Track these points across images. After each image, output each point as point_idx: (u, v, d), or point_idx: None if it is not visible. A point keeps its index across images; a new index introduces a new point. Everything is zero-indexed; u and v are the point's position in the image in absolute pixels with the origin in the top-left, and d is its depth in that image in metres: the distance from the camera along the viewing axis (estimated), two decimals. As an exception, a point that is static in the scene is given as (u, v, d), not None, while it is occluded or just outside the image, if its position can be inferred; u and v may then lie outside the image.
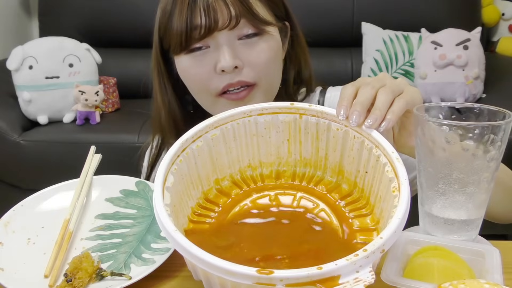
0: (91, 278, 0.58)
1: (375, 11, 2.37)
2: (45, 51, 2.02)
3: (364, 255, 0.43)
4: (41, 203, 0.70)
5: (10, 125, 1.96)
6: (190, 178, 0.58)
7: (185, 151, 0.57)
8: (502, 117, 0.56)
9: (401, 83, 0.59)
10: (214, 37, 0.75)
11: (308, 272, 0.41)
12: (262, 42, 0.77)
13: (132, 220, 0.68)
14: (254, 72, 0.77)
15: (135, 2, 2.41)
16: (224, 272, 0.43)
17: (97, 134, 1.98)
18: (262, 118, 0.61)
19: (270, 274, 0.42)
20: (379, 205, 0.55)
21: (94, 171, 0.74)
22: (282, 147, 0.63)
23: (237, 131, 0.61)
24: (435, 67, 2.13)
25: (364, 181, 0.58)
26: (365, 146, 0.56)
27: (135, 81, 2.44)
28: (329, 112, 0.58)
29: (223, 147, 0.61)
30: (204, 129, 0.59)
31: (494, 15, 2.57)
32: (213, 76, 0.77)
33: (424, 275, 0.51)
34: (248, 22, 0.75)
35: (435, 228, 0.60)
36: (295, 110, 0.60)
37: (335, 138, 0.59)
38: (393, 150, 0.54)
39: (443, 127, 0.54)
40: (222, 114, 0.60)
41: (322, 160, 0.62)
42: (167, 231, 0.48)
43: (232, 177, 0.63)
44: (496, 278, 0.49)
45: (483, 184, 0.56)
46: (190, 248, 0.45)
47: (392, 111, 0.56)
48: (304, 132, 0.61)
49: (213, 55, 0.76)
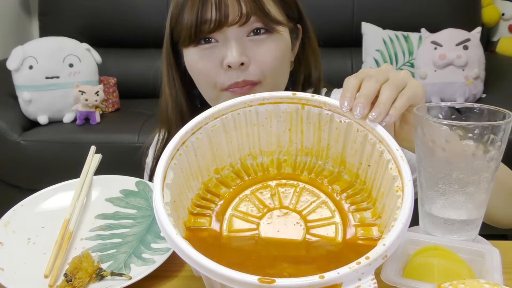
0: (91, 278, 0.58)
1: (375, 11, 2.37)
2: (45, 51, 2.02)
3: (366, 262, 0.43)
4: (41, 203, 0.70)
5: (10, 125, 1.96)
6: (190, 170, 0.57)
7: (184, 144, 0.56)
8: (502, 117, 0.56)
9: (405, 76, 0.59)
10: (223, 32, 0.76)
11: (310, 281, 0.41)
12: (270, 40, 0.77)
13: (132, 220, 0.68)
14: (260, 70, 0.77)
15: (135, 2, 2.41)
16: (225, 279, 0.43)
17: (97, 134, 1.98)
18: (263, 107, 0.60)
19: (272, 283, 0.41)
20: (381, 200, 0.55)
21: (94, 171, 0.74)
22: (283, 136, 0.62)
23: (237, 121, 0.60)
24: (435, 67, 2.13)
25: (367, 174, 0.57)
26: (369, 140, 0.56)
27: (135, 81, 2.47)
28: (333, 103, 0.57)
29: (223, 137, 0.60)
30: (203, 120, 0.58)
31: (494, 15, 2.57)
32: (219, 71, 0.77)
33: (424, 275, 0.51)
34: (258, 19, 0.76)
35: (435, 228, 0.60)
36: (297, 100, 0.59)
37: (338, 130, 0.58)
38: (397, 147, 0.53)
39: (443, 127, 0.54)
40: (222, 104, 0.59)
41: (324, 150, 0.61)
42: (168, 235, 0.47)
43: (232, 166, 0.61)
44: (496, 278, 0.49)
45: (483, 184, 0.56)
46: (192, 254, 0.45)
47: (395, 107, 0.55)
48: (306, 122, 0.60)
49: (221, 50, 0.77)
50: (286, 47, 0.81)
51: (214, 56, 0.77)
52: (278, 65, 0.79)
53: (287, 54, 0.81)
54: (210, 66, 0.78)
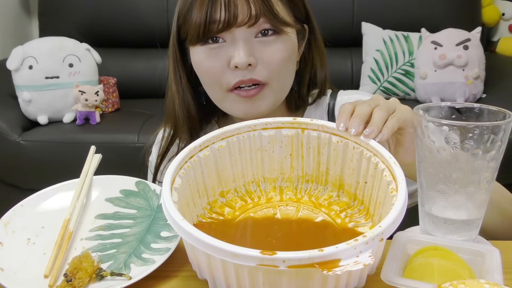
0: (91, 278, 0.57)
1: (375, 11, 2.37)
2: (45, 51, 2.02)
3: (363, 240, 0.45)
4: (41, 203, 0.70)
5: (10, 125, 1.96)
6: (196, 186, 0.61)
7: (192, 158, 0.60)
8: (502, 117, 0.56)
9: (394, 102, 0.64)
10: (231, 32, 0.76)
11: (310, 254, 0.43)
12: (278, 42, 0.78)
13: (132, 220, 0.68)
14: (267, 71, 0.78)
15: (135, 2, 2.41)
16: (227, 254, 0.45)
17: (97, 134, 1.98)
18: (266, 132, 0.64)
19: (273, 255, 0.43)
20: (378, 211, 0.57)
21: (94, 171, 0.74)
22: (285, 162, 0.66)
23: (242, 144, 0.64)
24: (435, 67, 2.13)
25: (364, 192, 0.61)
26: (364, 156, 0.59)
27: (135, 81, 2.47)
28: (330, 126, 0.62)
29: (228, 159, 0.64)
30: (211, 139, 0.62)
31: (494, 15, 2.57)
32: (226, 71, 0.78)
33: (424, 275, 0.51)
34: (267, 21, 0.76)
35: (435, 228, 0.60)
36: (298, 125, 0.64)
37: (336, 151, 0.63)
38: (390, 156, 0.56)
39: (443, 127, 0.54)
40: (229, 126, 0.63)
41: (324, 175, 0.65)
42: (173, 219, 0.50)
43: (236, 191, 0.65)
44: (496, 278, 0.49)
45: (483, 184, 0.56)
46: (194, 232, 0.47)
47: (387, 126, 0.60)
48: (306, 147, 0.64)
49: (228, 50, 0.77)
50: (293, 48, 0.81)
51: (221, 56, 0.77)
52: (285, 67, 0.79)
53: (294, 55, 0.82)
54: (217, 66, 0.78)
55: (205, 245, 0.46)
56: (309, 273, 0.45)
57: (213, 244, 0.46)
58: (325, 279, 0.46)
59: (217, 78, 0.78)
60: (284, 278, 0.46)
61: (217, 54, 0.77)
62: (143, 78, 2.38)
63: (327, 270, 0.43)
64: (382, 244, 0.50)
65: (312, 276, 0.45)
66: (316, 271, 0.44)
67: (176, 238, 0.62)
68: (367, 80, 2.28)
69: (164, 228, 0.65)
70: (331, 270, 0.43)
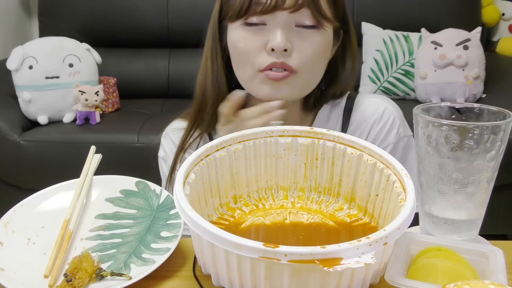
0: (91, 278, 0.57)
1: (375, 11, 2.37)
2: (45, 51, 2.02)
3: (366, 242, 0.45)
4: (41, 203, 0.70)
5: (10, 125, 1.95)
6: (209, 185, 0.61)
7: (208, 157, 0.61)
8: (502, 117, 0.56)
9: None
10: (273, 15, 0.77)
11: (312, 250, 0.44)
12: (316, 35, 0.79)
13: (132, 220, 0.68)
14: (300, 60, 0.79)
15: (135, 2, 2.41)
16: (231, 244, 0.46)
17: (97, 134, 1.98)
18: (283, 139, 0.65)
19: (275, 248, 0.44)
20: (386, 223, 0.57)
21: (94, 171, 0.74)
22: (299, 171, 0.66)
23: (258, 149, 0.64)
24: (435, 67, 2.13)
25: (375, 206, 0.61)
26: (377, 168, 0.60)
27: (135, 81, 2.47)
28: (345, 137, 0.63)
29: (243, 162, 0.64)
30: (228, 141, 0.63)
31: (494, 15, 2.57)
32: (261, 52, 0.79)
33: (428, 276, 0.51)
34: (310, 12, 0.77)
35: (435, 228, 0.60)
36: (314, 135, 0.65)
37: (350, 163, 0.63)
38: (402, 167, 0.56)
39: (443, 127, 0.54)
40: (247, 130, 0.64)
41: (336, 187, 0.65)
42: (182, 208, 0.51)
43: (249, 196, 0.66)
44: (500, 279, 0.49)
45: (483, 184, 0.56)
46: (200, 221, 0.48)
47: None
48: (321, 158, 0.65)
49: (267, 33, 0.78)
50: (328, 44, 0.83)
51: (259, 37, 0.79)
52: (317, 60, 0.81)
53: (328, 51, 0.84)
54: (253, 46, 0.79)
55: (209, 234, 0.47)
56: (310, 270, 0.45)
57: (218, 233, 0.46)
58: (326, 278, 0.46)
59: (251, 57, 0.80)
60: (285, 273, 0.46)
61: (255, 35, 0.79)
62: (143, 78, 2.38)
63: (327, 268, 0.43)
64: (388, 250, 0.50)
65: (313, 274, 0.46)
66: (317, 268, 0.44)
67: (176, 238, 0.62)
68: (367, 80, 2.28)
69: (164, 228, 0.65)
70: (331, 267, 0.43)
